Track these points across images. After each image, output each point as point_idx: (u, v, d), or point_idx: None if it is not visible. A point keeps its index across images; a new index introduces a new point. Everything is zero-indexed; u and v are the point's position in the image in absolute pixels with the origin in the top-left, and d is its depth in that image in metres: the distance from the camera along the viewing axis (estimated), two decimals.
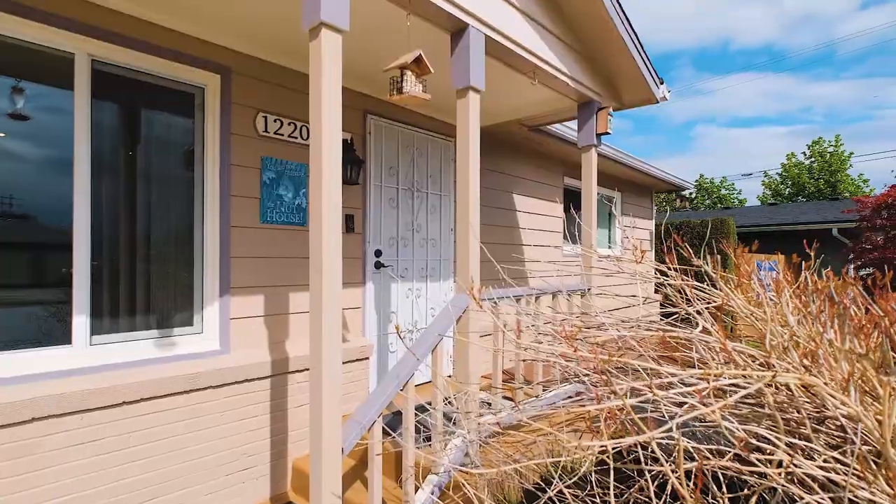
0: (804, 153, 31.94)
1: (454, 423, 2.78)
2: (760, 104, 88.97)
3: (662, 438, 1.14)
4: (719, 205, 34.50)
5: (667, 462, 1.13)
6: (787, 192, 32.32)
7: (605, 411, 1.26)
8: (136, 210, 2.94)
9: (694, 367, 1.69)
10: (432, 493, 2.55)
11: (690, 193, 32.61)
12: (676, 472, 1.02)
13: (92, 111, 2.71)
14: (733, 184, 36.27)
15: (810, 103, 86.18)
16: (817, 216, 15.36)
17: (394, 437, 2.71)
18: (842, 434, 1.41)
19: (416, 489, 2.56)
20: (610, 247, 8.18)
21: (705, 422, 1.41)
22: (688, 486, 1.00)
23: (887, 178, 45.08)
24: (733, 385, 1.19)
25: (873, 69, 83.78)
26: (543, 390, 3.55)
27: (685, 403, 1.34)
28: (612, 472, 1.20)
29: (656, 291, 7.60)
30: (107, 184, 2.81)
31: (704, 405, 1.12)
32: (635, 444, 1.21)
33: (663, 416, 1.54)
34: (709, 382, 1.06)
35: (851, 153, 29.73)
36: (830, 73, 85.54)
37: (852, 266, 9.49)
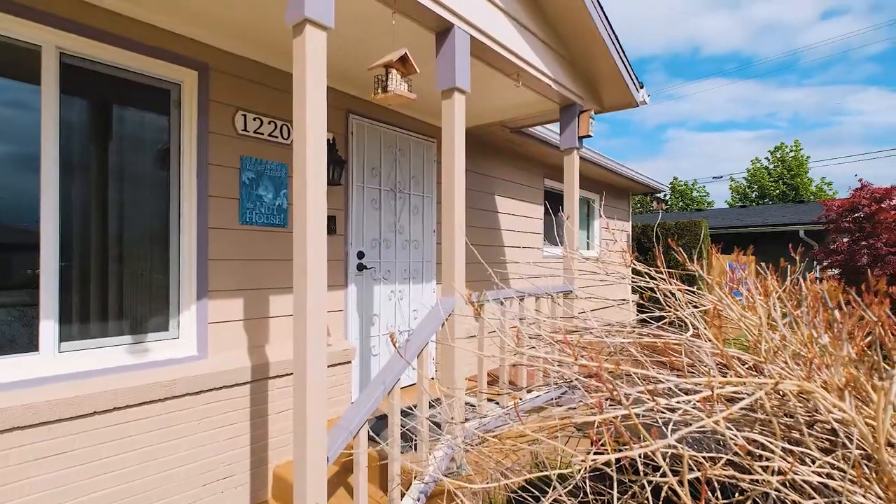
0: (767, 158, 33.12)
1: (441, 428, 2.75)
2: (730, 109, 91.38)
3: (661, 446, 1.13)
4: (691, 206, 35.38)
5: (666, 469, 1.12)
6: (753, 196, 33.39)
7: (603, 419, 1.25)
8: (108, 210, 2.82)
9: (682, 371, 1.69)
10: (418, 500, 2.51)
11: (665, 196, 33.39)
12: (680, 482, 1.01)
13: (61, 107, 2.58)
14: (704, 186, 37.31)
15: (776, 109, 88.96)
16: (785, 218, 15.91)
17: (381, 447, 2.66)
18: (831, 438, 1.43)
19: (402, 496, 2.52)
20: (588, 247, 8.27)
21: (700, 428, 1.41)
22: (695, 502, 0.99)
23: (850, 181, 46.90)
24: (733, 392, 1.19)
25: (834, 77, 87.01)
26: (528, 393, 3.55)
27: (679, 410, 1.34)
28: (615, 482, 1.19)
29: (633, 292, 7.71)
30: (77, 182, 2.68)
31: (702, 411, 1.12)
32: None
33: (656, 422, 1.54)
34: (712, 391, 1.06)
35: (808, 157, 31.17)
36: (794, 79, 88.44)
37: (819, 267, 9.79)
